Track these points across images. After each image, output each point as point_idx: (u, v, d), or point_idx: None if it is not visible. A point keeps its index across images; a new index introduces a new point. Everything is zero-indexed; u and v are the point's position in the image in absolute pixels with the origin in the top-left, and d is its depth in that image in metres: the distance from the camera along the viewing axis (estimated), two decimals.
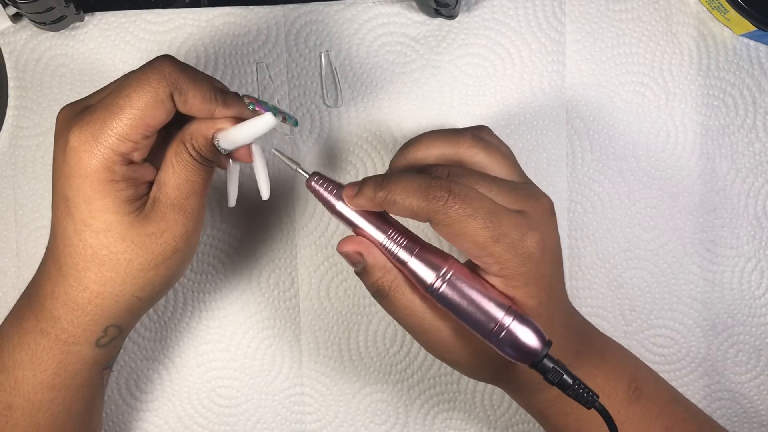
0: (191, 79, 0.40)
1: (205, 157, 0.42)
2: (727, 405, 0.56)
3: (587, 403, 0.39)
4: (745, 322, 0.56)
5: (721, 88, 0.55)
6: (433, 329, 0.42)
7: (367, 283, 0.42)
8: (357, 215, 0.42)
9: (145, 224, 0.41)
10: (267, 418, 0.56)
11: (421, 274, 0.40)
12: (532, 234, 0.40)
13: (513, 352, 0.39)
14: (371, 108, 0.55)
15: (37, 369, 0.43)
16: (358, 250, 0.41)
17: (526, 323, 0.39)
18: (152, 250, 0.41)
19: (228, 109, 0.42)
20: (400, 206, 0.39)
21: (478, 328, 0.40)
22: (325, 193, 0.42)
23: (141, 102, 0.39)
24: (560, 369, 0.39)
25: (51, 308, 0.42)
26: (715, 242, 0.56)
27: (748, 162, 0.55)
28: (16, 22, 0.53)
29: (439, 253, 0.41)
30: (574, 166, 0.55)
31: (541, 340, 0.39)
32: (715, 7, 0.53)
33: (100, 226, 0.40)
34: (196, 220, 0.42)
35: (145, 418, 0.56)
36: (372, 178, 0.41)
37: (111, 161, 0.39)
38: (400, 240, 0.41)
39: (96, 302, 0.41)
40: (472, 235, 0.39)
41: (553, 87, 0.55)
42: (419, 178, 0.39)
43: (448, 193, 0.38)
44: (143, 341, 0.55)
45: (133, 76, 0.40)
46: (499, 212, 0.39)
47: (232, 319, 0.55)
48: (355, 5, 0.54)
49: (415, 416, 0.56)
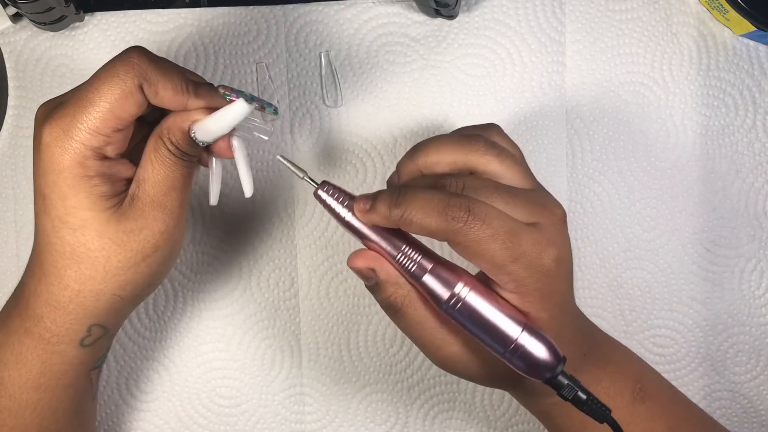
0: (161, 70, 0.39)
1: (183, 152, 0.41)
2: (727, 405, 0.56)
3: (600, 418, 0.39)
4: (745, 322, 0.56)
5: (721, 88, 0.55)
6: (444, 344, 0.41)
7: (379, 298, 0.41)
8: (369, 229, 0.40)
9: (123, 221, 0.40)
10: (267, 418, 0.56)
11: (436, 291, 0.39)
12: (550, 250, 0.39)
13: (527, 368, 0.39)
14: (371, 108, 0.55)
15: (23, 369, 0.42)
16: (370, 266, 0.40)
17: (541, 340, 0.39)
18: (131, 247, 0.40)
19: (201, 100, 0.41)
20: (417, 226, 0.38)
21: (493, 346, 0.39)
22: (334, 204, 0.41)
23: (110, 94, 0.38)
24: (575, 386, 0.39)
25: (34, 307, 0.42)
26: (715, 242, 0.56)
27: (748, 162, 0.55)
28: (16, 22, 0.53)
29: (453, 268, 0.40)
30: (574, 166, 0.55)
31: (555, 357, 0.38)
32: (714, 7, 0.53)
33: (77, 223, 0.40)
34: (176, 217, 0.42)
35: (145, 418, 0.56)
36: (386, 193, 0.39)
37: (83, 156, 0.39)
38: (414, 255, 0.40)
39: (77, 300, 0.41)
40: (490, 256, 0.38)
41: (553, 87, 0.55)
42: (436, 196, 0.38)
43: (468, 213, 0.37)
44: (143, 341, 0.55)
45: (102, 68, 0.39)
46: (518, 232, 0.38)
47: (232, 319, 0.55)
48: (355, 5, 0.54)
49: (415, 416, 0.56)
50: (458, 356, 0.42)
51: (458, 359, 0.42)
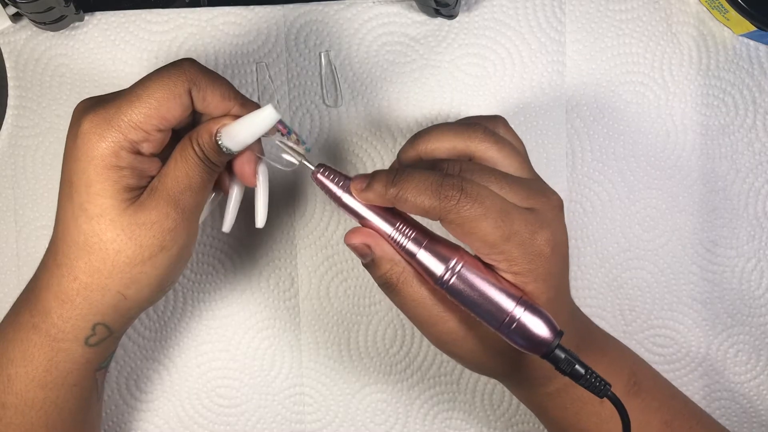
0: (211, 78, 0.41)
1: (207, 156, 0.42)
2: (726, 405, 0.56)
3: (600, 393, 0.39)
4: (745, 322, 0.56)
5: (721, 88, 0.55)
6: (440, 321, 0.42)
7: (375, 275, 0.42)
8: (365, 207, 0.41)
9: (138, 212, 0.41)
10: (267, 418, 0.56)
11: (430, 267, 0.40)
12: (543, 232, 0.40)
13: (525, 342, 0.39)
14: (371, 108, 0.55)
15: (29, 366, 0.43)
16: (365, 242, 0.41)
17: (537, 314, 0.39)
18: (140, 242, 0.41)
19: (244, 110, 0.42)
20: (411, 204, 0.39)
21: (490, 320, 0.39)
22: (331, 185, 0.42)
23: (159, 93, 0.40)
24: (573, 358, 0.38)
25: (44, 300, 0.42)
26: (715, 242, 0.56)
27: (748, 162, 0.55)
28: (16, 22, 0.53)
29: (449, 245, 0.41)
30: (574, 166, 0.55)
31: (552, 331, 0.38)
32: (714, 7, 0.53)
33: (95, 211, 0.40)
34: (187, 219, 0.42)
35: (145, 418, 0.56)
36: (383, 172, 0.40)
37: (119, 146, 0.40)
38: (409, 232, 0.41)
39: (84, 294, 0.41)
40: (482, 234, 0.38)
41: (553, 87, 0.55)
42: (431, 176, 0.39)
43: (460, 192, 0.38)
44: (143, 341, 0.55)
45: (154, 72, 0.41)
46: (510, 211, 0.39)
47: (232, 319, 0.55)
48: (355, 5, 0.54)
49: (415, 416, 0.56)
50: (455, 333, 0.42)
51: (455, 338, 0.42)
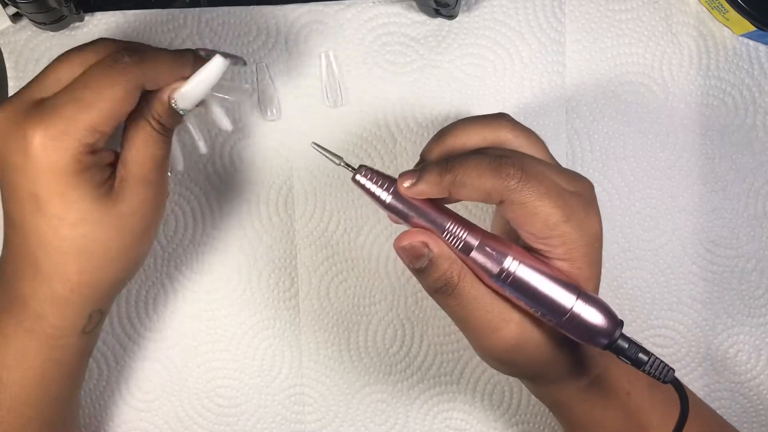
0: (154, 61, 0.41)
1: (165, 126, 0.42)
2: (727, 405, 0.56)
3: (665, 378, 0.38)
4: (745, 322, 0.56)
5: (721, 88, 0.55)
6: (503, 324, 0.40)
7: (433, 277, 0.39)
8: (415, 206, 0.39)
9: (118, 204, 0.41)
10: (267, 418, 0.56)
11: (489, 262, 0.39)
12: (594, 214, 0.39)
13: (586, 335, 0.38)
14: (371, 108, 0.55)
15: (26, 367, 0.43)
16: (422, 240, 0.39)
17: (596, 304, 0.38)
18: (129, 229, 0.41)
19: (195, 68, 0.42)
20: (470, 187, 0.37)
21: (552, 314, 0.38)
22: (374, 188, 0.39)
23: (111, 96, 0.39)
24: (637, 346, 0.38)
25: (36, 307, 0.41)
26: (715, 242, 0.56)
27: (748, 162, 0.55)
28: (16, 22, 0.53)
29: (501, 239, 0.39)
30: (574, 166, 0.55)
31: (612, 320, 0.38)
32: (714, 7, 0.53)
33: (76, 217, 0.40)
34: (162, 193, 0.43)
35: (145, 418, 0.56)
36: (432, 163, 0.39)
37: (80, 153, 0.39)
38: (460, 231, 0.39)
39: (79, 291, 0.41)
40: (545, 214, 0.37)
41: (553, 87, 0.55)
42: (487, 157, 0.38)
43: (521, 170, 0.37)
44: (143, 341, 0.55)
45: (98, 71, 0.40)
46: (564, 192, 0.38)
47: (232, 319, 0.55)
48: (355, 5, 0.54)
49: (415, 416, 0.56)
50: (517, 337, 0.40)
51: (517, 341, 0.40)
